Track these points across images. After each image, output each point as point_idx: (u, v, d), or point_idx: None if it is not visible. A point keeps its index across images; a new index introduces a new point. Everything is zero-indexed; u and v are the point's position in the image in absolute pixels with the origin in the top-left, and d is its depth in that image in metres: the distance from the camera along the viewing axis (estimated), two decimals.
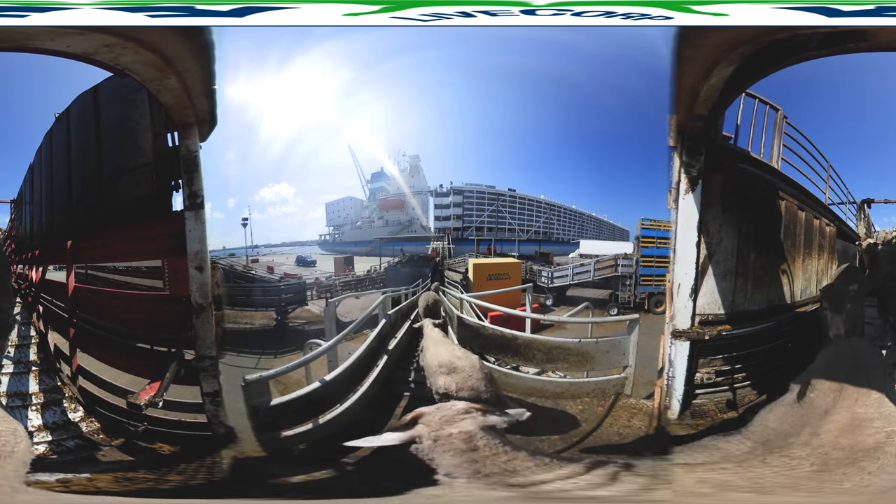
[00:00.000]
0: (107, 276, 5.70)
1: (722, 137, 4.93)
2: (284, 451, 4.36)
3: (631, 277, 6.70)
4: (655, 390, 4.89)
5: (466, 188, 7.38)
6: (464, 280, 7.07)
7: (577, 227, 7.64)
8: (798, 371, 4.38)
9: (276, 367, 4.47)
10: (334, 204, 7.80)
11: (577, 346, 5.34)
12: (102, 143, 5.07)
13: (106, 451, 4.52)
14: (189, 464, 4.29)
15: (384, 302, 6.18)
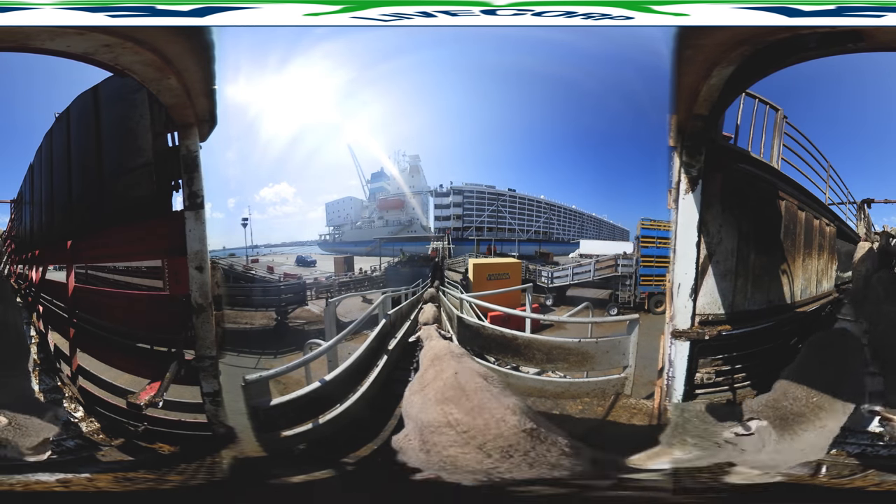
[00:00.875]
0: (107, 276, 5.70)
1: (722, 137, 4.93)
2: (284, 451, 4.36)
3: (631, 277, 6.70)
4: (655, 390, 4.89)
5: (466, 188, 7.39)
6: (464, 280, 7.07)
7: (577, 227, 7.64)
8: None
9: (276, 367, 4.47)
10: (334, 204, 7.80)
11: (577, 346, 5.34)
12: (102, 143, 5.07)
13: (106, 451, 4.52)
14: (189, 464, 4.29)
15: (384, 302, 6.18)
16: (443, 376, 4.02)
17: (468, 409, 3.65)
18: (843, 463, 4.25)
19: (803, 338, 4.93)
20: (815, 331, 4.86)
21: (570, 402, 5.25)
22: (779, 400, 4.26)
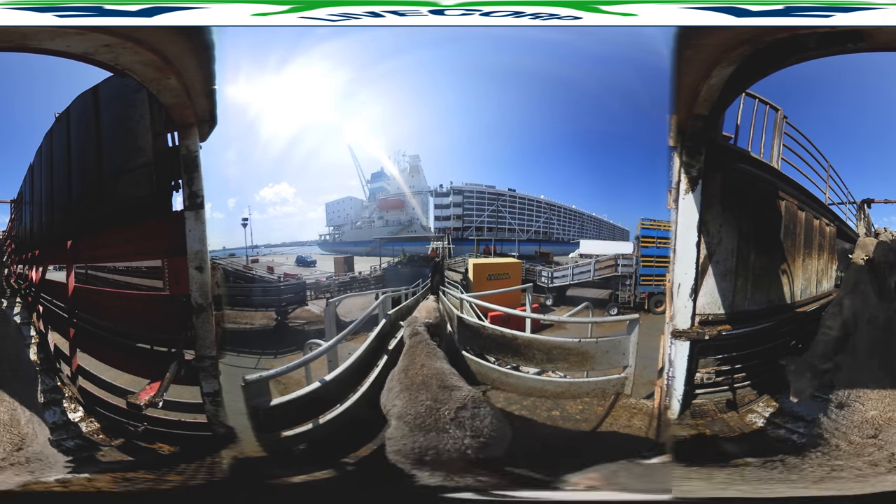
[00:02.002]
0: (107, 276, 5.70)
1: (722, 137, 4.93)
2: (284, 451, 4.36)
3: (631, 277, 6.70)
4: (655, 390, 4.89)
5: (466, 188, 7.39)
6: (464, 280, 7.07)
7: (577, 227, 7.64)
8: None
9: (276, 367, 4.47)
10: (334, 204, 7.81)
11: (577, 346, 5.34)
12: (102, 143, 5.07)
13: (106, 451, 4.52)
14: (189, 464, 4.29)
15: (384, 302, 6.18)
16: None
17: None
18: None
19: (803, 338, 4.93)
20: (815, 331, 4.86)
21: (571, 402, 5.25)
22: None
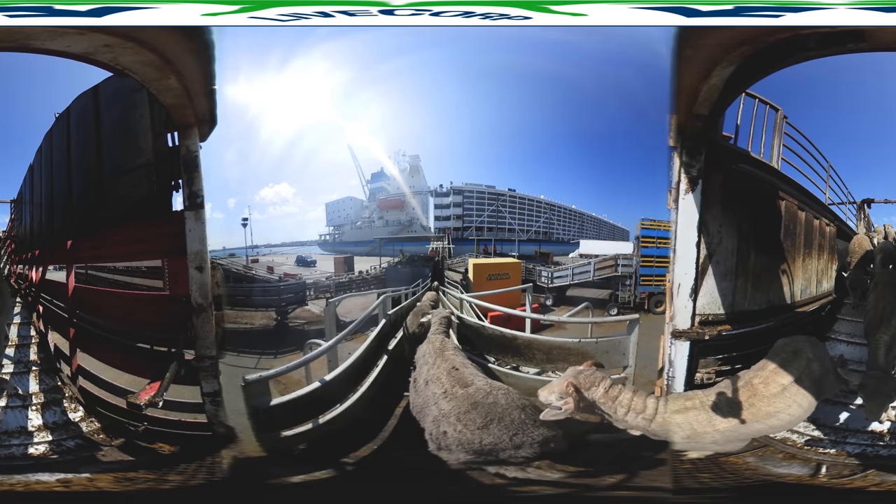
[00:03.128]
0: (107, 276, 5.70)
1: (722, 137, 4.93)
2: (284, 451, 4.36)
3: (631, 277, 6.69)
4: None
5: (466, 188, 7.38)
6: (464, 280, 7.07)
7: (577, 227, 7.64)
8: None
9: (276, 367, 4.47)
10: (334, 204, 7.80)
11: (577, 346, 5.34)
12: (102, 143, 5.07)
13: (106, 451, 4.52)
14: (189, 464, 4.29)
15: (384, 302, 6.18)
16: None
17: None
18: (843, 463, 4.26)
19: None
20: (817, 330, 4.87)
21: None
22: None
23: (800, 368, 3.79)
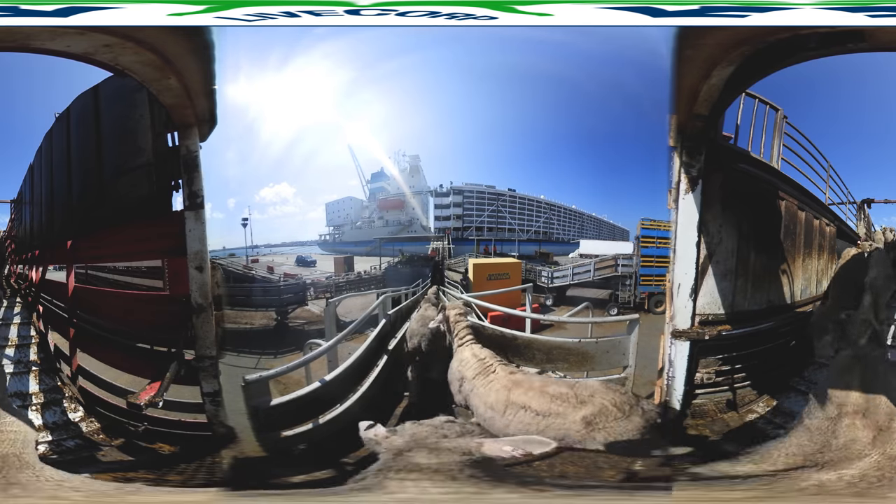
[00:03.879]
0: (107, 276, 5.70)
1: (722, 137, 4.93)
2: (284, 451, 4.36)
3: (631, 277, 6.69)
4: (655, 390, 4.89)
5: (466, 188, 7.39)
6: (464, 280, 7.07)
7: (577, 227, 7.65)
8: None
9: (276, 367, 4.47)
10: (334, 204, 7.81)
11: (577, 346, 5.34)
12: (102, 143, 5.07)
13: (106, 451, 4.52)
14: (189, 464, 4.29)
15: (384, 302, 6.18)
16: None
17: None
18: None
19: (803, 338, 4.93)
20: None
21: None
22: None
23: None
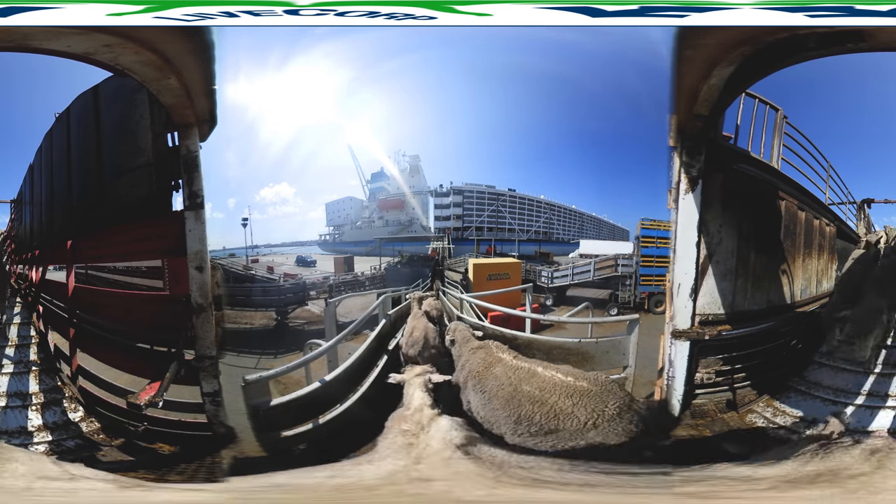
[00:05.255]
0: (107, 276, 5.70)
1: (722, 137, 4.93)
2: (284, 451, 4.36)
3: (631, 277, 6.69)
4: (655, 390, 4.90)
5: (466, 188, 7.39)
6: (464, 280, 7.07)
7: (577, 227, 7.64)
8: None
9: (276, 368, 4.47)
10: (334, 204, 7.80)
11: (577, 346, 5.34)
12: (102, 143, 5.07)
13: (106, 451, 4.52)
14: (189, 464, 4.29)
15: (384, 302, 6.18)
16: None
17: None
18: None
19: (803, 338, 4.93)
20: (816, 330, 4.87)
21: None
22: None
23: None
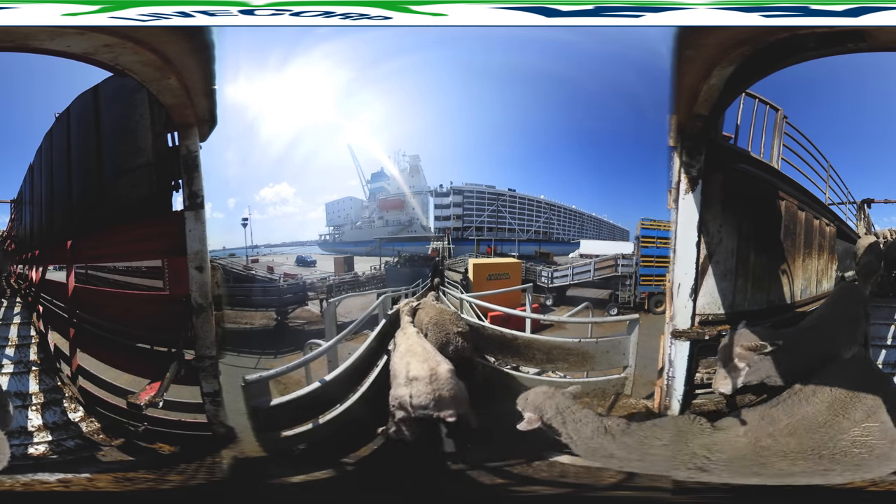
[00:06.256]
0: (107, 276, 5.70)
1: (722, 137, 4.93)
2: (284, 451, 4.36)
3: (631, 277, 6.69)
4: (655, 390, 4.90)
5: (466, 188, 7.38)
6: (464, 280, 7.07)
7: (577, 227, 7.63)
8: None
9: (276, 367, 4.47)
10: (334, 204, 7.80)
11: (577, 346, 5.34)
12: (102, 143, 5.07)
13: (106, 451, 4.53)
14: (189, 464, 4.29)
15: (384, 302, 6.18)
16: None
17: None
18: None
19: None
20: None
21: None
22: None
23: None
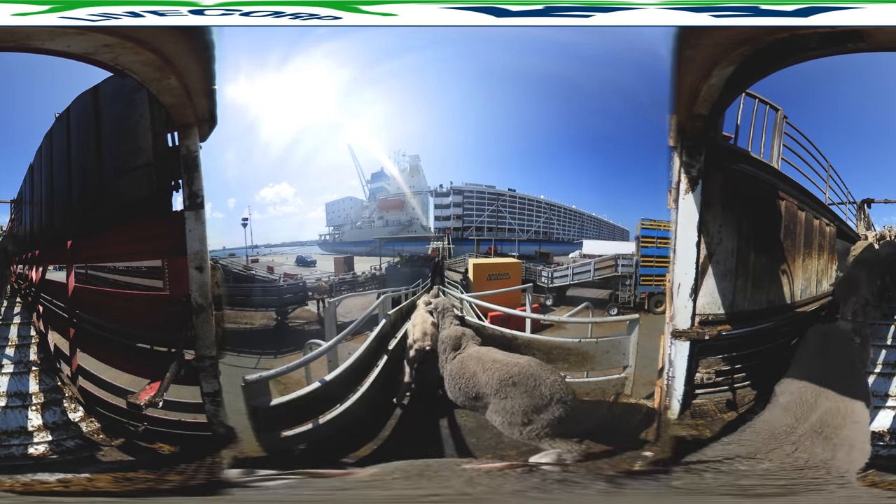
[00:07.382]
0: (107, 276, 5.70)
1: (722, 137, 4.94)
2: (284, 451, 4.36)
3: (631, 277, 6.69)
4: (655, 390, 4.89)
5: (466, 188, 7.38)
6: (464, 280, 7.07)
7: (578, 227, 7.63)
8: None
9: (276, 367, 4.47)
10: (334, 204, 7.79)
11: (577, 346, 5.34)
12: (102, 143, 5.07)
13: (106, 451, 4.53)
14: (189, 464, 4.29)
15: (384, 302, 6.18)
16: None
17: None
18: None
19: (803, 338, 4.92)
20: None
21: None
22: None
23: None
